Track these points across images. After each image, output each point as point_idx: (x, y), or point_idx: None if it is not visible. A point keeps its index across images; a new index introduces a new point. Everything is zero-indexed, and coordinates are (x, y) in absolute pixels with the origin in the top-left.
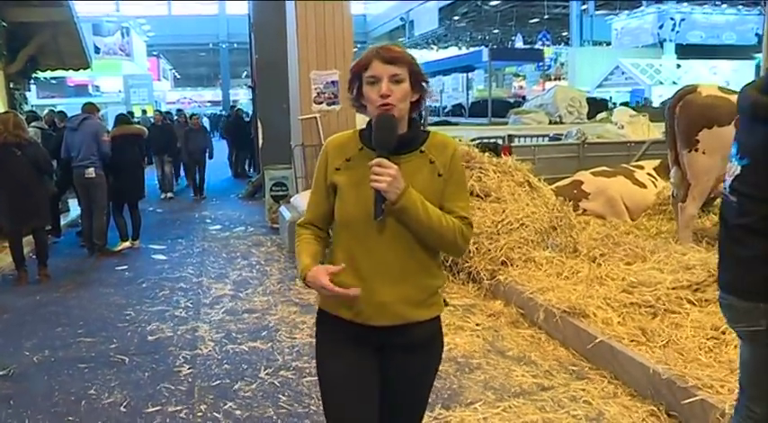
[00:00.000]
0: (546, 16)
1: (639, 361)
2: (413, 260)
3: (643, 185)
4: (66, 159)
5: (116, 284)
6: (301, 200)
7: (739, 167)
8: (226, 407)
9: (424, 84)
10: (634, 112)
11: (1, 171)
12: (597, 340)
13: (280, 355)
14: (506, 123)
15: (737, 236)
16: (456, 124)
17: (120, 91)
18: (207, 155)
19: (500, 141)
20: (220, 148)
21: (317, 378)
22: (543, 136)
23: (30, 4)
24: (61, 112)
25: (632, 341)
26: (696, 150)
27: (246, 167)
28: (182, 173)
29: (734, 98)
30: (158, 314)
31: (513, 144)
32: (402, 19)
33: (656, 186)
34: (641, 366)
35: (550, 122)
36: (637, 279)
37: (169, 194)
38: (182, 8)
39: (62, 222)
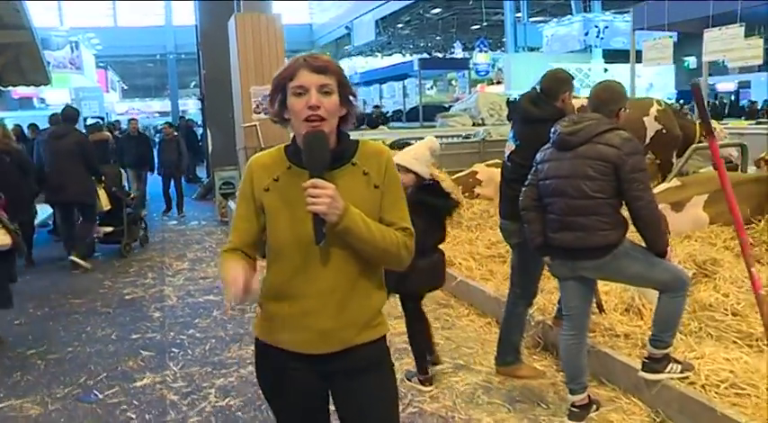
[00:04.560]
0: (485, 23)
1: (483, 290)
2: (355, 282)
3: None
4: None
5: (92, 265)
6: None
7: (514, 146)
8: (189, 332)
9: (351, 97)
10: None
11: None
12: (458, 280)
13: (228, 303)
14: (435, 126)
15: (510, 185)
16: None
17: (67, 104)
18: (180, 169)
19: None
20: None
21: (257, 326)
22: (458, 136)
23: None
24: (33, 124)
25: (482, 279)
26: None
27: (197, 173)
28: None
29: (582, 102)
30: (131, 283)
31: None
32: (347, 28)
33: None
34: (483, 293)
35: (474, 124)
36: (497, 239)
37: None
38: (127, 20)
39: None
